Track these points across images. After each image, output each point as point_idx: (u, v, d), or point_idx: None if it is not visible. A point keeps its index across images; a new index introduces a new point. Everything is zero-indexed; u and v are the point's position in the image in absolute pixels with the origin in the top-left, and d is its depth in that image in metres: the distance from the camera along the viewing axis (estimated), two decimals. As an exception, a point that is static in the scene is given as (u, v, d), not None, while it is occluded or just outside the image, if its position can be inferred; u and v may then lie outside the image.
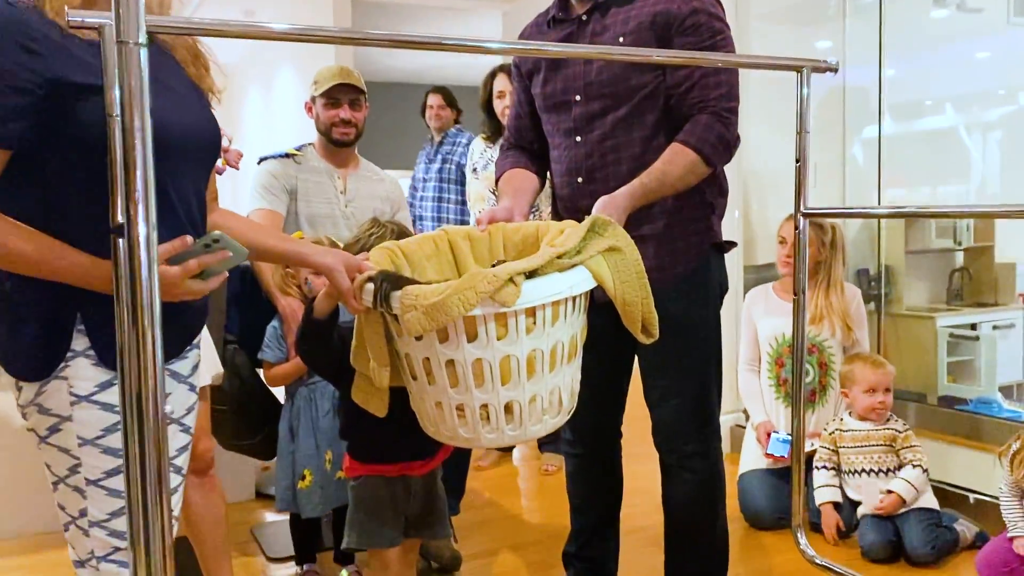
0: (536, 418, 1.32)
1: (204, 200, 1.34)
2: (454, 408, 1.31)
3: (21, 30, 1.10)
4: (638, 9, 1.77)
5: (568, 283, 1.27)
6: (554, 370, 1.30)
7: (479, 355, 1.25)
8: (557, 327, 1.28)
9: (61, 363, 1.16)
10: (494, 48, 1.34)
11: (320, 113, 2.49)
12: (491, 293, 1.20)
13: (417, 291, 1.23)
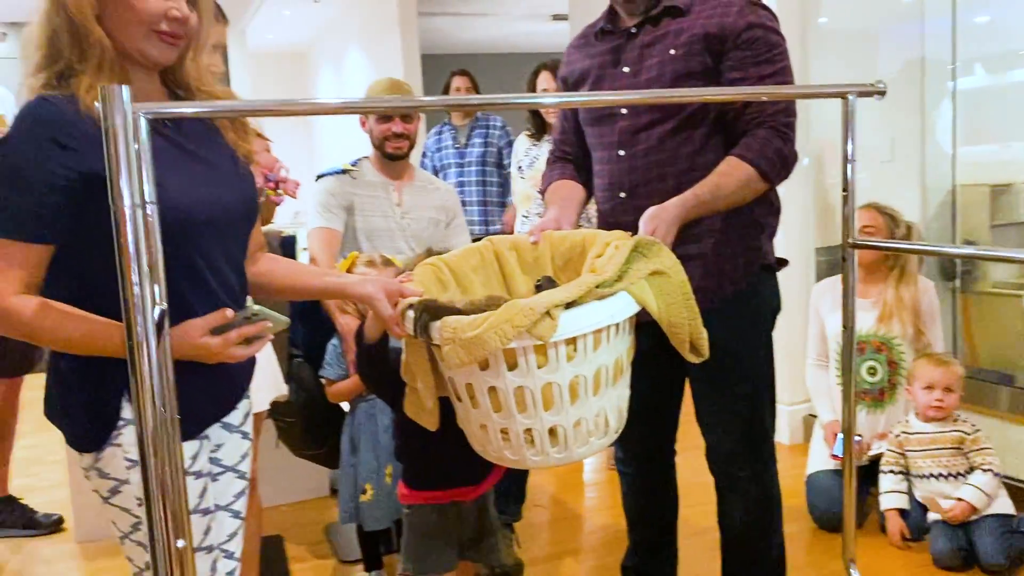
0: (582, 440, 1.32)
1: (241, 266, 1.38)
2: (499, 431, 1.32)
3: (57, 127, 1.15)
4: (691, 21, 1.73)
5: (608, 312, 1.25)
6: (599, 393, 1.30)
7: (521, 383, 1.25)
8: (600, 352, 1.27)
9: (114, 431, 1.23)
10: (547, 103, 1.36)
11: (373, 128, 2.53)
12: (528, 327, 1.19)
13: (455, 323, 1.24)
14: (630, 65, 1.78)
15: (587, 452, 1.34)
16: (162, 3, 1.23)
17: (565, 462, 1.34)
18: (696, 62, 1.71)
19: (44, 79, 1.20)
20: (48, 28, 1.21)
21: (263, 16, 7.15)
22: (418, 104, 1.17)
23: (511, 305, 1.21)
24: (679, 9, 1.75)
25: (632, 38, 1.79)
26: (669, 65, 1.73)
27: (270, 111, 1.19)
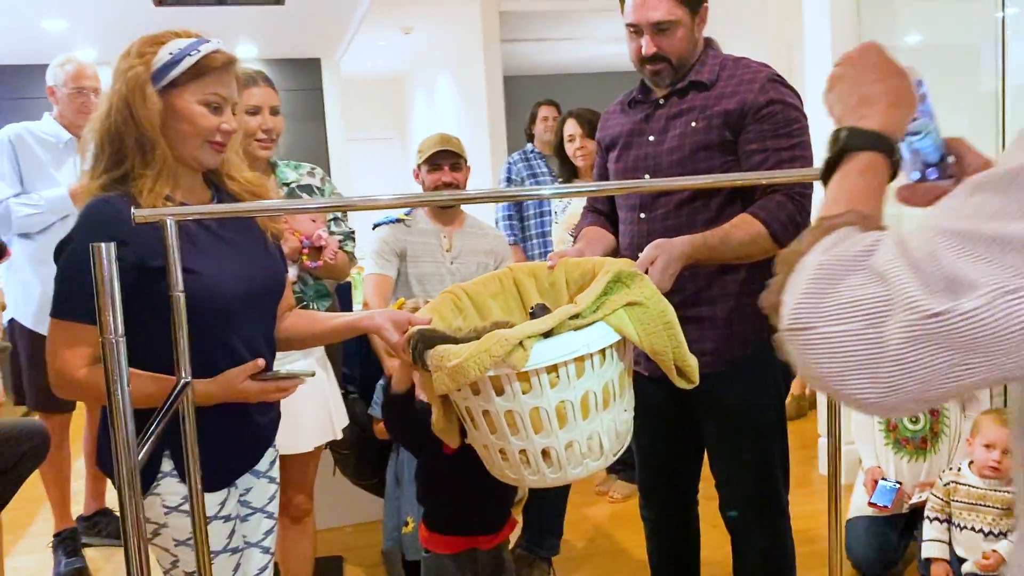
0: (576, 462, 1.37)
1: (270, 333, 1.58)
2: (498, 451, 1.41)
3: (115, 225, 1.33)
4: (715, 96, 1.81)
5: (583, 341, 1.30)
6: (588, 417, 1.35)
7: (509, 407, 1.32)
8: (585, 379, 1.32)
9: (153, 482, 1.43)
10: (546, 194, 1.48)
11: (425, 178, 2.70)
12: (502, 357, 1.26)
13: (443, 352, 1.33)
14: (656, 134, 1.88)
15: (582, 472, 1.39)
16: (216, 119, 1.44)
17: (561, 482, 1.41)
18: (715, 135, 1.79)
19: (105, 180, 1.40)
20: (116, 135, 1.40)
21: (360, 46, 7.51)
22: (410, 201, 1.36)
23: (491, 336, 1.29)
24: (704, 84, 1.84)
25: (659, 108, 1.89)
26: (690, 137, 1.82)
27: (271, 210, 1.38)
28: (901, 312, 0.62)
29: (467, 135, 7.04)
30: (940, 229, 0.63)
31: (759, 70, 1.83)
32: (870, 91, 0.86)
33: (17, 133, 3.09)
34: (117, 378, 0.86)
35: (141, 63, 1.38)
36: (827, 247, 0.70)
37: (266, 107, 2.17)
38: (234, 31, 6.33)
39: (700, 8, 1.84)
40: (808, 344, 0.68)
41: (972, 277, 0.60)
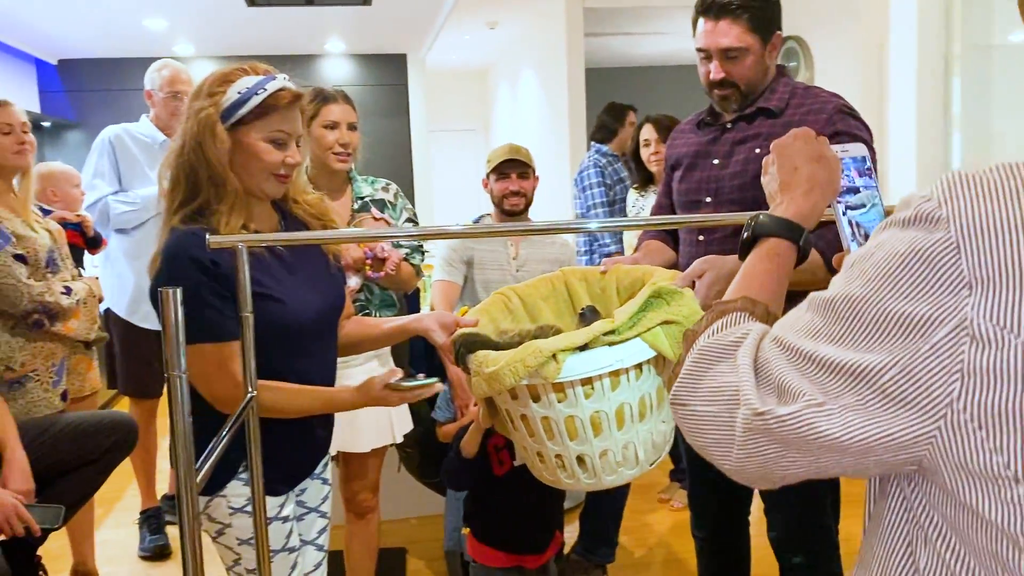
0: (610, 470, 1.40)
1: (334, 347, 1.67)
2: (535, 453, 1.46)
3: (201, 254, 1.42)
4: (781, 126, 1.79)
5: (616, 357, 1.32)
6: (623, 428, 1.37)
7: (545, 414, 1.36)
8: (620, 391, 1.35)
9: (223, 487, 1.54)
10: (592, 227, 1.52)
11: (493, 187, 2.76)
12: (536, 368, 1.30)
13: (482, 358, 1.38)
14: (720, 158, 1.89)
15: (617, 480, 1.42)
16: (280, 155, 1.52)
17: (596, 488, 1.43)
18: None
19: (184, 214, 1.49)
20: (190, 171, 1.49)
21: (446, 40, 7.63)
22: (474, 231, 1.43)
23: (527, 346, 1.34)
24: (772, 111, 1.83)
25: (726, 132, 1.90)
26: (753, 163, 1.81)
27: (342, 239, 1.45)
28: (742, 405, 0.71)
29: (548, 128, 7.14)
30: (779, 339, 0.73)
31: (828, 100, 1.80)
32: (788, 179, 0.96)
33: (116, 134, 3.29)
34: (180, 410, 0.95)
35: (211, 103, 1.47)
36: (713, 331, 0.80)
37: (344, 123, 2.26)
38: (323, 28, 6.52)
39: (772, 36, 1.82)
40: (683, 418, 0.78)
41: (793, 387, 0.69)
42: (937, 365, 0.62)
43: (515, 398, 1.38)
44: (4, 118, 2.47)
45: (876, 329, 0.65)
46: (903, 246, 0.65)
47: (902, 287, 0.64)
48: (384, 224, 2.31)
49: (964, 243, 0.62)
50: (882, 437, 0.65)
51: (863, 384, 0.65)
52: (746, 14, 1.77)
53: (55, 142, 6.92)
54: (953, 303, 0.62)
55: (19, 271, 2.35)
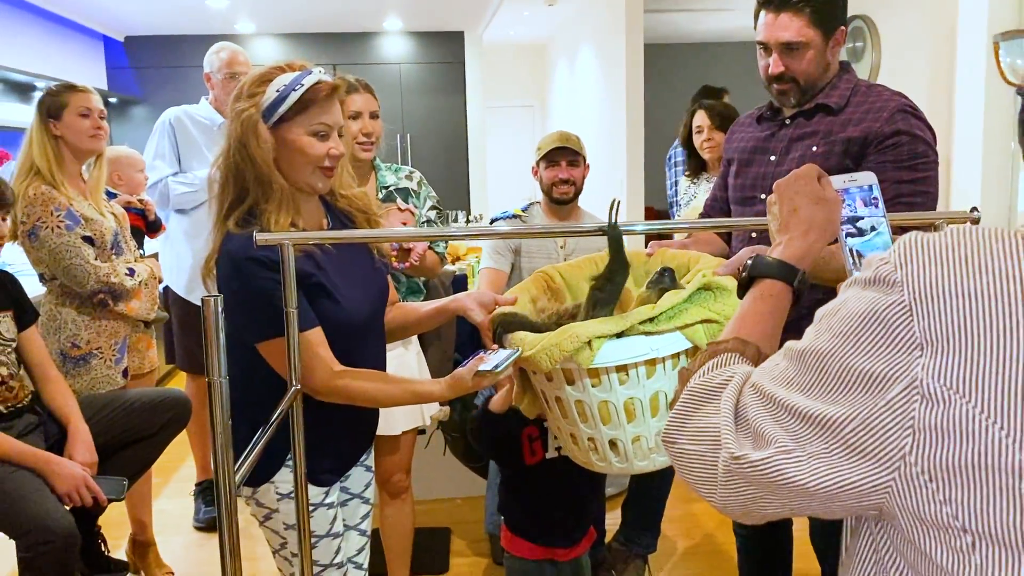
0: (642, 455, 1.41)
1: (384, 338, 1.71)
2: (568, 435, 1.46)
3: (263, 255, 1.45)
4: (840, 124, 1.76)
5: (652, 346, 1.32)
6: (657, 416, 1.37)
7: (580, 398, 1.37)
8: (656, 380, 1.34)
9: (272, 475, 1.58)
10: (570, 232, 1.52)
11: (543, 175, 2.76)
12: (571, 353, 1.30)
13: (520, 339, 1.39)
14: (777, 154, 1.86)
15: (649, 466, 1.42)
16: (324, 146, 1.54)
17: (628, 472, 1.44)
18: (835, 162, 1.74)
19: (236, 217, 1.52)
20: (237, 173, 1.52)
21: (505, 16, 7.60)
22: (501, 232, 1.43)
23: (564, 330, 1.34)
24: (831, 108, 1.78)
25: (785, 128, 1.86)
26: (809, 160, 1.77)
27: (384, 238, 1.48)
28: (723, 447, 0.75)
29: (605, 105, 7.07)
30: (756, 385, 0.77)
31: (890, 99, 1.76)
32: (787, 220, 1.01)
33: (176, 116, 3.37)
34: (220, 414, 0.98)
35: (252, 104, 1.49)
36: (704, 371, 0.84)
37: (366, 112, 2.28)
38: (381, 6, 6.55)
39: (835, 31, 1.78)
40: (674, 455, 0.82)
41: (767, 433, 0.73)
42: (891, 420, 0.66)
43: (550, 380, 1.39)
44: (84, 102, 2.54)
45: (840, 382, 0.69)
46: (863, 305, 0.69)
47: (861, 345, 0.68)
48: (409, 214, 2.34)
49: (916, 306, 0.65)
50: (844, 485, 0.69)
51: (828, 433, 0.69)
52: (808, 7, 1.73)
53: (121, 118, 7.11)
54: (906, 362, 0.66)
55: (87, 252, 2.44)
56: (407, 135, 7.62)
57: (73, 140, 2.51)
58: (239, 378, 1.57)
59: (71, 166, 2.54)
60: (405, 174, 2.48)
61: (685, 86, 9.82)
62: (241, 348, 1.54)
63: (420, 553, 2.84)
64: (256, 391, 1.52)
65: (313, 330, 1.49)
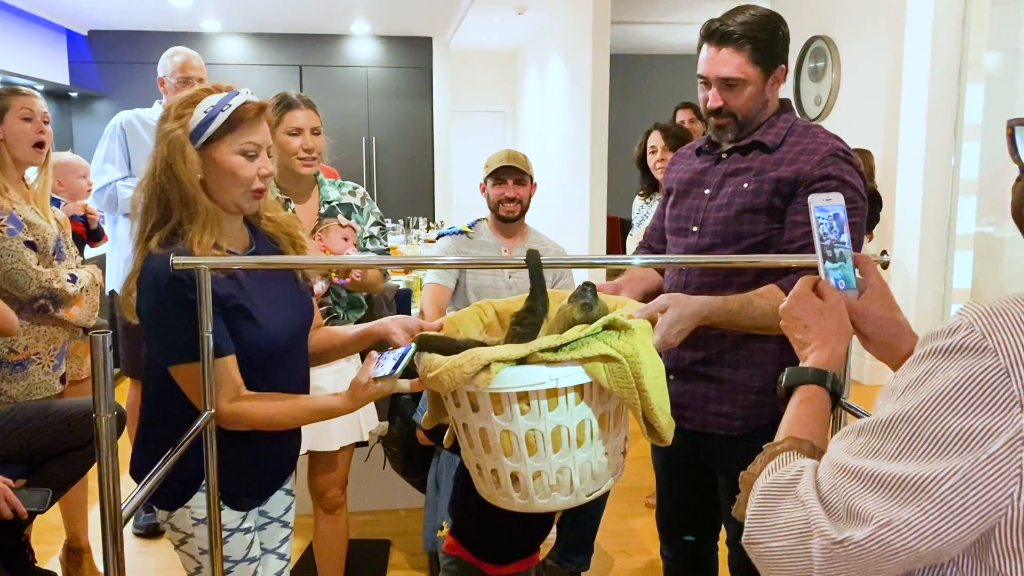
0: (543, 493, 1.39)
1: (307, 361, 1.72)
2: (475, 465, 1.46)
3: (183, 275, 1.44)
4: (773, 163, 1.77)
5: (550, 376, 1.31)
6: (559, 451, 1.36)
7: (483, 425, 1.36)
8: (557, 413, 1.34)
9: (186, 500, 1.58)
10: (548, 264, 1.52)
11: (490, 192, 2.78)
12: (471, 375, 1.30)
13: (428, 360, 1.40)
14: (711, 188, 1.86)
15: (550, 505, 1.41)
16: (254, 165, 1.54)
17: (528, 510, 1.43)
18: (764, 200, 1.76)
19: (158, 238, 1.51)
20: (161, 193, 1.52)
21: (475, 23, 7.61)
22: (418, 263, 1.42)
23: (467, 353, 1.34)
24: (766, 146, 1.79)
25: (720, 163, 1.87)
26: (739, 197, 1.79)
27: (309, 265, 1.48)
28: (816, 536, 0.78)
29: (572, 113, 7.11)
30: (838, 465, 0.80)
31: (824, 142, 1.76)
32: (804, 337, 1.08)
33: (128, 120, 3.34)
34: (106, 449, 0.98)
35: (179, 125, 1.50)
36: (769, 472, 0.88)
37: (307, 128, 2.29)
38: (345, 12, 6.53)
39: (775, 69, 1.78)
40: (759, 555, 0.85)
41: (862, 510, 0.76)
42: (996, 470, 0.72)
43: (458, 406, 1.39)
44: (27, 104, 2.51)
45: (935, 443, 0.74)
46: (955, 372, 0.75)
47: (958, 407, 0.74)
48: (350, 230, 2.34)
49: (1013, 368, 0.72)
50: (951, 539, 0.74)
51: (929, 493, 0.74)
52: (749, 45, 1.74)
53: (83, 113, 7.03)
54: (1007, 418, 0.72)
55: (29, 257, 2.42)
56: (372, 139, 7.60)
57: (15, 144, 2.49)
58: (158, 399, 1.59)
59: (13, 170, 2.51)
60: (348, 189, 2.48)
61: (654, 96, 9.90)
62: (162, 369, 1.54)
63: (357, 565, 2.85)
64: (175, 414, 1.52)
65: (224, 358, 1.49)
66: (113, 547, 0.99)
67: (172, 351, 1.49)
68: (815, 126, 1.84)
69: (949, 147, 3.27)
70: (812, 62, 6.03)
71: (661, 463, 2.11)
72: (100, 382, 0.96)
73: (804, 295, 1.10)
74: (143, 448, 1.61)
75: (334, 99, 7.46)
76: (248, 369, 1.54)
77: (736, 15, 1.74)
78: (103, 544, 1.01)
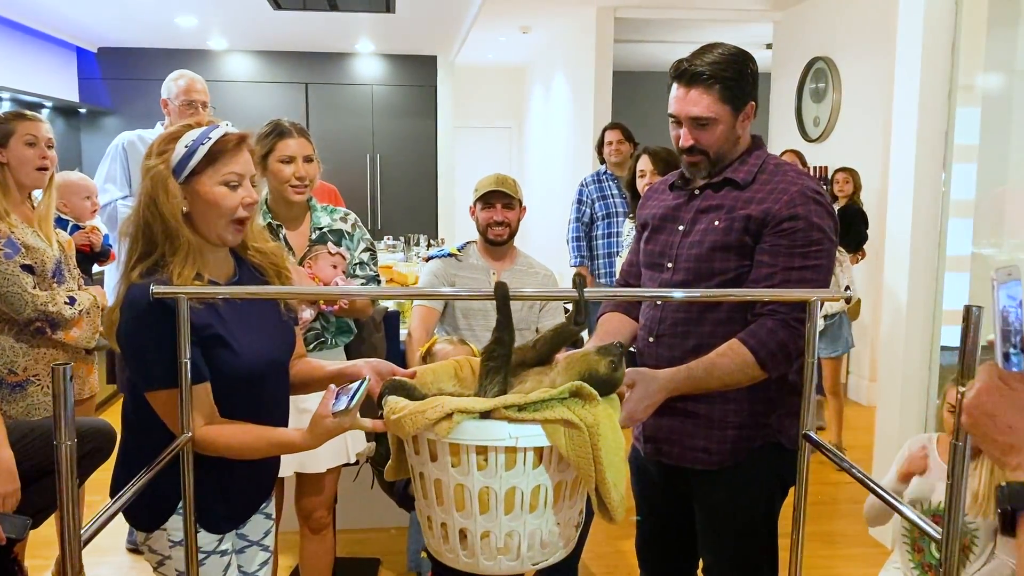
0: (489, 555, 1.37)
1: (287, 390, 1.75)
2: (427, 517, 1.42)
3: (161, 304, 1.48)
4: (744, 201, 1.77)
5: (511, 433, 1.30)
6: (511, 513, 1.35)
7: (438, 476, 1.35)
8: (514, 473, 1.32)
9: (164, 521, 1.62)
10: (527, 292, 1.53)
11: (479, 216, 2.80)
12: (433, 422, 1.29)
13: (393, 404, 1.39)
14: (685, 224, 1.87)
15: (494, 568, 1.38)
16: (237, 195, 1.58)
17: (472, 571, 1.40)
18: (734, 238, 1.76)
19: (141, 269, 1.55)
20: (146, 227, 1.56)
21: (480, 41, 7.69)
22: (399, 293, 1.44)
23: (432, 400, 1.35)
24: (738, 183, 1.80)
25: (694, 199, 1.87)
26: (710, 235, 1.80)
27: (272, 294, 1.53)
28: None
29: (576, 131, 7.15)
30: None
31: (794, 182, 1.76)
32: (1009, 440, 0.87)
33: (130, 140, 3.41)
34: (67, 477, 1.02)
35: (161, 161, 1.54)
36: None
37: (299, 156, 2.33)
38: (350, 31, 6.62)
39: (745, 106, 1.79)
40: None
41: None
42: None
43: (417, 453, 1.40)
44: (31, 130, 2.55)
45: None
46: None
47: None
48: (340, 258, 2.37)
49: None
50: None
51: None
52: (718, 85, 1.74)
53: (92, 129, 7.14)
54: None
55: (25, 281, 2.45)
56: (377, 156, 7.68)
57: (18, 168, 2.53)
58: (138, 423, 1.63)
59: (15, 193, 2.56)
60: (340, 216, 2.51)
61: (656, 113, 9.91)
62: (142, 393, 1.58)
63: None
64: (154, 437, 1.56)
65: (197, 385, 1.53)
66: (73, 570, 1.03)
67: (149, 377, 1.53)
68: (786, 164, 1.85)
69: (938, 169, 3.29)
70: (813, 83, 6.07)
71: (640, 493, 2.12)
72: (60, 410, 1.00)
73: (995, 387, 0.89)
74: (123, 469, 1.65)
75: (339, 116, 7.55)
76: (224, 396, 1.57)
77: (704, 54, 1.76)
78: (64, 568, 1.05)
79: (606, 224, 4.21)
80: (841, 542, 3.47)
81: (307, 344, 2.36)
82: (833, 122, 5.81)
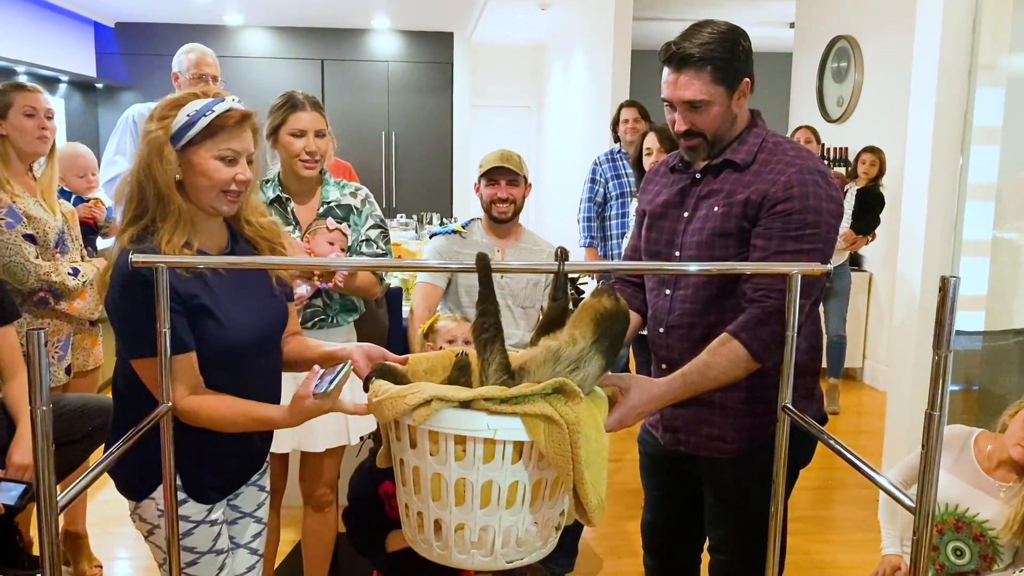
0: (463, 548, 1.35)
1: (278, 364, 1.74)
2: (405, 505, 1.41)
3: (148, 272, 1.46)
4: (742, 184, 1.73)
5: (488, 423, 1.28)
6: (486, 508, 1.32)
7: (417, 464, 1.33)
8: (492, 467, 1.31)
9: (153, 491, 1.62)
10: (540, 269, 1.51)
11: (483, 192, 2.78)
12: (412, 407, 1.28)
13: (377, 387, 1.38)
14: (688, 210, 1.83)
15: (467, 562, 1.37)
16: (231, 171, 1.57)
17: (444, 562, 1.39)
18: (734, 224, 1.72)
19: (131, 233, 1.56)
20: (139, 190, 1.56)
21: (498, 17, 7.63)
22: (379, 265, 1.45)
23: (413, 385, 1.34)
24: (737, 165, 1.76)
25: (696, 184, 1.83)
26: (711, 221, 1.76)
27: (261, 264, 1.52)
28: None
29: (593, 110, 7.09)
30: None
31: (792, 162, 1.71)
32: None
33: (140, 112, 3.40)
34: (43, 442, 1.02)
35: (160, 127, 1.54)
36: None
37: (311, 130, 2.30)
38: (366, 6, 6.58)
39: (739, 84, 1.72)
40: None
41: None
42: None
43: (399, 440, 1.38)
44: (30, 101, 2.56)
45: None
46: None
47: None
48: (339, 234, 2.35)
49: None
50: None
51: None
52: (709, 66, 1.68)
53: (109, 104, 7.16)
54: None
55: (28, 250, 2.47)
56: (392, 133, 7.66)
57: (17, 139, 2.55)
58: (127, 392, 1.63)
59: (16, 164, 2.57)
60: (351, 191, 2.47)
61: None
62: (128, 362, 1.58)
63: (345, 561, 2.87)
64: (143, 407, 1.56)
65: (183, 354, 1.52)
66: (48, 537, 1.03)
67: (133, 346, 1.54)
68: (785, 142, 1.79)
69: (956, 151, 3.22)
70: (835, 62, 5.96)
71: (646, 471, 2.10)
72: (35, 376, 0.99)
73: None
74: (114, 437, 1.65)
75: (355, 93, 7.53)
76: (212, 368, 1.57)
77: (693, 35, 1.70)
78: (39, 535, 1.05)
79: (620, 204, 4.17)
80: (847, 528, 3.43)
81: (305, 322, 2.35)
82: (855, 102, 5.72)
